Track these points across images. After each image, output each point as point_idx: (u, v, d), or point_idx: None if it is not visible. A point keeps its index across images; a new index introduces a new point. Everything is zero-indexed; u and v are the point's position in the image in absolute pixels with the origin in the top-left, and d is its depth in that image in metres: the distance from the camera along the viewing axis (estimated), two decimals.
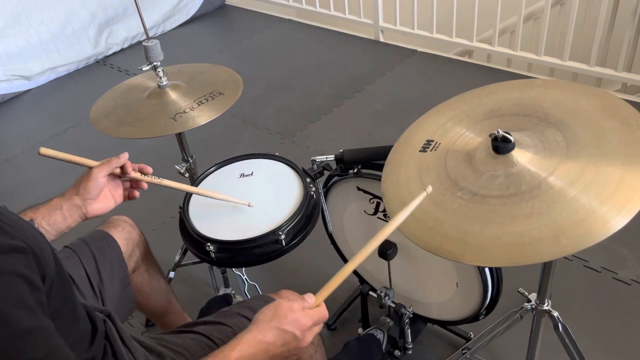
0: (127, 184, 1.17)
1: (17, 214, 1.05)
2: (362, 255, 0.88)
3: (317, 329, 0.88)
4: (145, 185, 1.17)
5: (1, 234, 0.70)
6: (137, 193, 1.18)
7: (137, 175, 1.14)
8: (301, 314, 0.85)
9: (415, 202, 0.91)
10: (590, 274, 1.83)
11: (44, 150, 1.08)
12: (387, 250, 1.39)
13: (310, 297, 0.88)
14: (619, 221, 0.79)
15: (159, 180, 1.17)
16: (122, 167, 1.13)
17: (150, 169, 1.17)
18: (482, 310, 1.38)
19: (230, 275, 1.90)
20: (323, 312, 0.88)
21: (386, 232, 0.89)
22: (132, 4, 3.80)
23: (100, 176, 1.08)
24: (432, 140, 1.07)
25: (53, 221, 1.05)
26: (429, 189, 0.93)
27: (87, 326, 0.95)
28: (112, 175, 1.13)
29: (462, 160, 1.00)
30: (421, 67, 3.24)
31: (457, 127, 1.08)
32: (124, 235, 1.34)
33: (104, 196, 1.12)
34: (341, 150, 1.41)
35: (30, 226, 0.81)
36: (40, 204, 1.07)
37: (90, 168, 1.10)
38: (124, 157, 1.12)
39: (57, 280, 0.81)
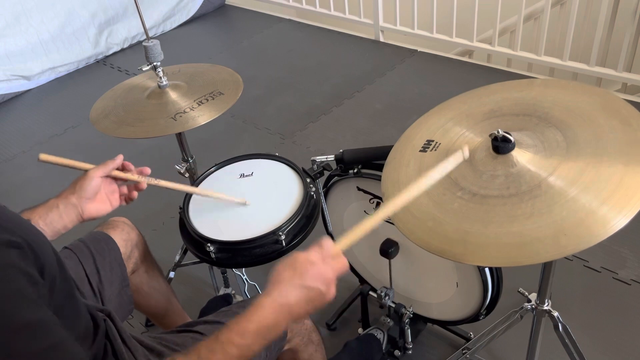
0: (124, 189, 1.18)
1: None
2: (401, 200, 0.83)
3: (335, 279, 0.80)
4: (144, 186, 1.18)
5: None
6: (135, 194, 1.19)
7: (135, 177, 1.15)
8: (323, 266, 0.77)
9: (451, 162, 0.90)
10: (590, 274, 1.83)
11: (43, 156, 1.09)
12: (389, 249, 1.39)
13: (328, 243, 0.80)
14: (619, 221, 0.79)
15: (155, 181, 1.19)
16: (123, 166, 1.14)
17: (148, 170, 1.18)
18: (482, 310, 1.38)
19: (230, 275, 1.90)
20: (344, 262, 0.80)
21: (421, 187, 0.86)
22: (132, 4, 3.80)
23: (95, 176, 1.09)
24: (432, 140, 1.07)
25: (50, 220, 1.05)
26: (466, 151, 0.93)
27: (89, 324, 0.95)
28: (109, 179, 1.14)
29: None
30: (421, 67, 3.24)
31: (457, 127, 1.08)
32: (123, 237, 1.35)
33: (100, 198, 1.12)
34: (341, 150, 1.41)
35: (29, 223, 0.81)
36: (36, 206, 1.07)
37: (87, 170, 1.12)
38: (119, 159, 1.14)
39: (60, 277, 0.81)
